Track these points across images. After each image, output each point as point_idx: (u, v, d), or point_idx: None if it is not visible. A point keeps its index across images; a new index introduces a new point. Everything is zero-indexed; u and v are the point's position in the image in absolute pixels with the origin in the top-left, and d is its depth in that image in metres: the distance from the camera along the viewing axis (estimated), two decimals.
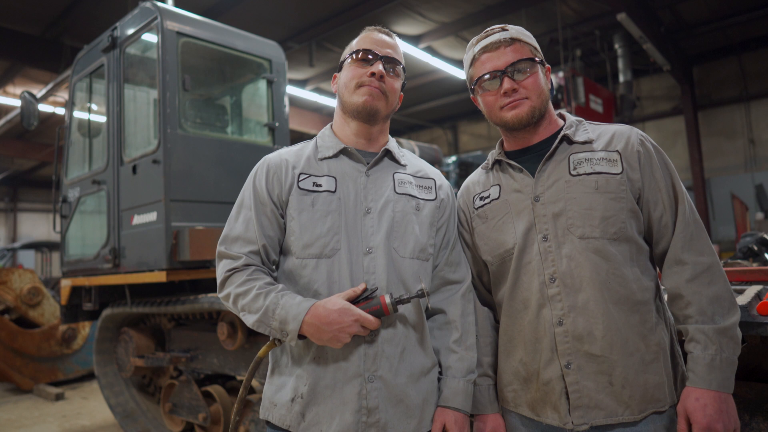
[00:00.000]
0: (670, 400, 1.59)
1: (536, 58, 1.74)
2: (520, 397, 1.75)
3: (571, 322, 1.61)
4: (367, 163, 1.79)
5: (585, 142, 1.73)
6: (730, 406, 1.50)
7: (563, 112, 1.89)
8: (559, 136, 1.74)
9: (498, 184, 1.84)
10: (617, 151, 1.67)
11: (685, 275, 1.58)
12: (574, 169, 1.68)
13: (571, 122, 1.80)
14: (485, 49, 1.75)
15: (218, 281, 1.74)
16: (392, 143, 1.90)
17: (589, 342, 1.59)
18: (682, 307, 1.59)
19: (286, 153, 1.83)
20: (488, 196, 1.85)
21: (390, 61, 1.80)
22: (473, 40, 1.83)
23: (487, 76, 1.74)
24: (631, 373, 1.57)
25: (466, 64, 1.86)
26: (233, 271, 1.69)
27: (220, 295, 1.73)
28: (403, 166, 1.87)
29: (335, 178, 1.75)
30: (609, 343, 1.58)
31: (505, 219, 1.77)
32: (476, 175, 1.97)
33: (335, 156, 1.80)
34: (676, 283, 1.59)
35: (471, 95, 1.88)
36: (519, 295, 1.73)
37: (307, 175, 1.75)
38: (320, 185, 1.74)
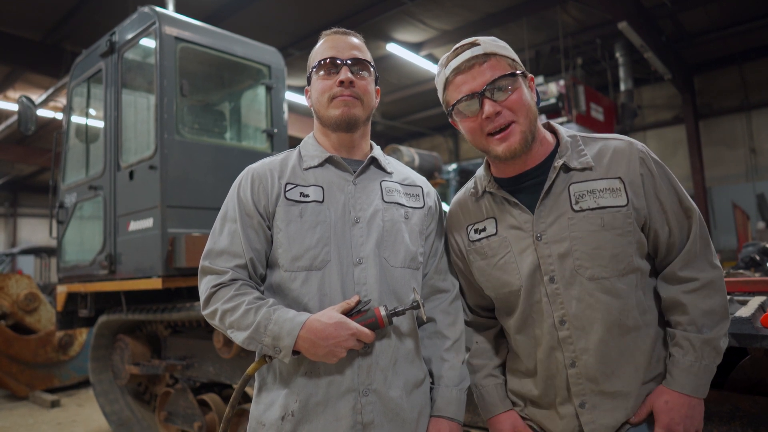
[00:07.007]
0: None
1: (516, 72, 1.58)
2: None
3: (583, 364, 1.57)
4: (353, 172, 1.75)
5: (584, 169, 1.60)
6: (696, 411, 1.53)
7: (552, 123, 1.76)
8: (556, 168, 1.60)
9: (493, 217, 1.72)
10: (619, 177, 1.56)
11: (682, 288, 1.57)
12: (576, 203, 1.57)
13: (564, 144, 1.65)
14: (458, 70, 1.59)
15: (202, 298, 1.65)
16: (377, 151, 1.85)
17: (603, 381, 1.56)
18: (677, 315, 1.58)
19: (270, 162, 1.77)
20: (484, 230, 1.73)
21: (357, 63, 1.72)
22: (443, 59, 1.67)
23: (464, 101, 1.58)
24: (643, 397, 1.58)
25: (440, 87, 1.70)
26: (219, 287, 1.61)
27: (205, 312, 1.65)
28: (390, 173, 1.82)
29: (322, 188, 1.70)
30: (622, 379, 1.56)
31: (507, 258, 1.67)
32: (465, 201, 1.83)
33: (321, 165, 1.74)
34: (673, 294, 1.58)
35: (449, 119, 1.71)
36: (530, 332, 1.68)
37: (293, 185, 1.69)
38: (307, 195, 1.68)
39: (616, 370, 1.56)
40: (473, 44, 1.60)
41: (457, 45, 1.64)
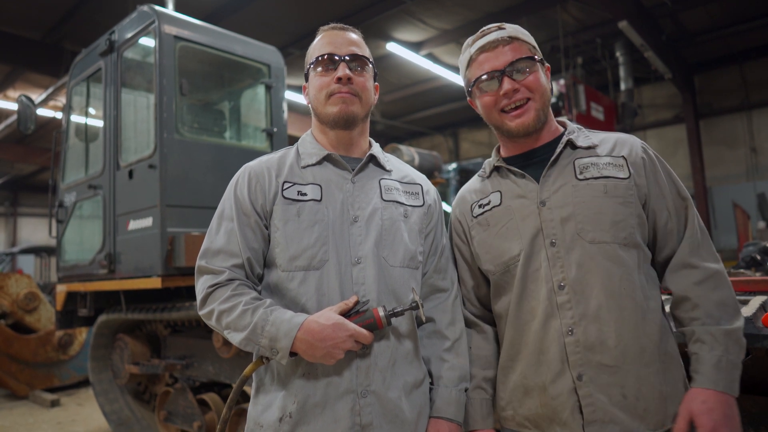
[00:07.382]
0: None
1: (536, 57, 1.68)
2: (519, 414, 1.68)
3: (582, 331, 1.53)
4: (352, 170, 1.73)
5: (589, 147, 1.68)
6: (735, 412, 1.46)
7: (563, 119, 1.84)
8: (563, 141, 1.69)
9: (498, 191, 1.76)
10: (622, 156, 1.65)
11: (692, 278, 1.56)
12: (581, 173, 1.64)
13: (572, 128, 1.76)
14: (483, 49, 1.69)
15: (199, 298, 1.63)
16: (376, 148, 1.83)
17: (602, 351, 1.52)
18: (687, 310, 1.56)
19: (267, 160, 1.75)
20: (488, 203, 1.77)
21: (355, 59, 1.71)
22: (469, 40, 1.76)
23: (485, 77, 1.67)
24: (645, 384, 1.51)
25: (463, 66, 1.78)
26: (216, 287, 1.59)
27: (202, 312, 1.62)
28: (389, 171, 1.80)
29: (320, 186, 1.68)
30: (622, 353, 1.51)
31: (509, 225, 1.69)
32: (472, 184, 1.89)
33: (319, 163, 1.73)
34: (683, 286, 1.57)
35: (468, 98, 1.82)
36: (526, 305, 1.65)
37: (291, 184, 1.67)
38: (305, 194, 1.66)
39: (617, 342, 1.51)
40: (500, 27, 1.72)
41: (484, 27, 1.74)
